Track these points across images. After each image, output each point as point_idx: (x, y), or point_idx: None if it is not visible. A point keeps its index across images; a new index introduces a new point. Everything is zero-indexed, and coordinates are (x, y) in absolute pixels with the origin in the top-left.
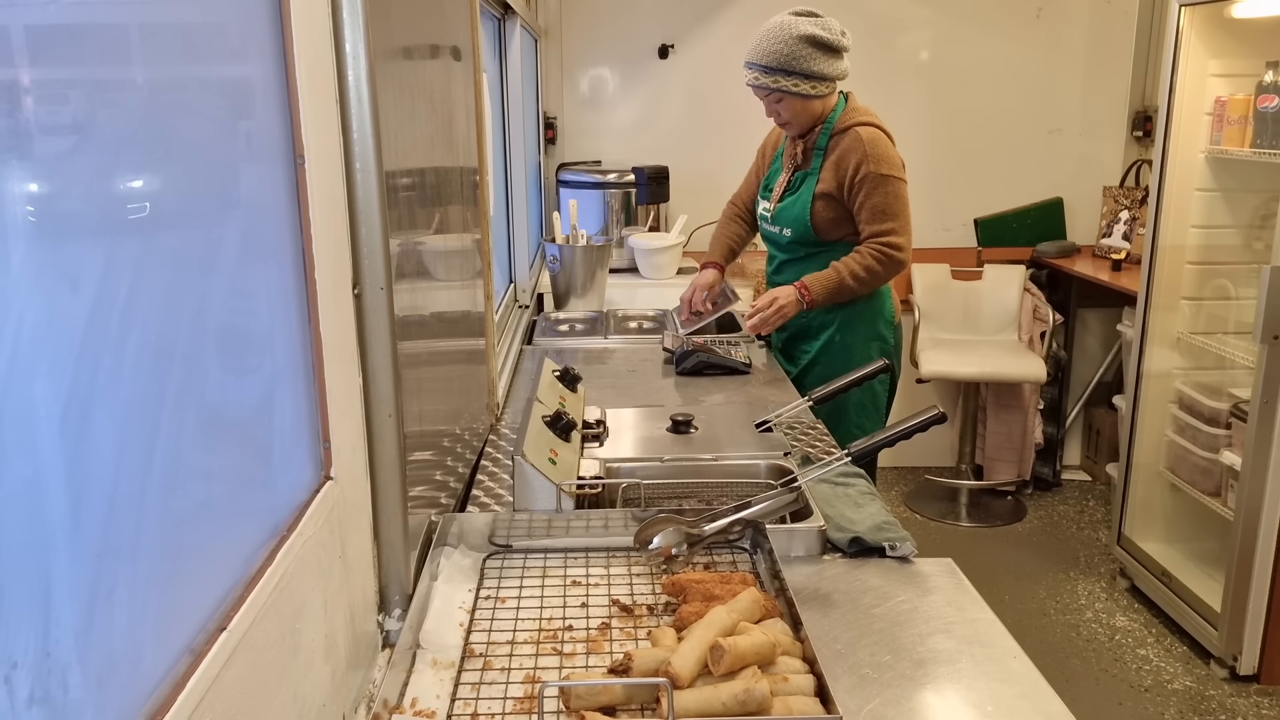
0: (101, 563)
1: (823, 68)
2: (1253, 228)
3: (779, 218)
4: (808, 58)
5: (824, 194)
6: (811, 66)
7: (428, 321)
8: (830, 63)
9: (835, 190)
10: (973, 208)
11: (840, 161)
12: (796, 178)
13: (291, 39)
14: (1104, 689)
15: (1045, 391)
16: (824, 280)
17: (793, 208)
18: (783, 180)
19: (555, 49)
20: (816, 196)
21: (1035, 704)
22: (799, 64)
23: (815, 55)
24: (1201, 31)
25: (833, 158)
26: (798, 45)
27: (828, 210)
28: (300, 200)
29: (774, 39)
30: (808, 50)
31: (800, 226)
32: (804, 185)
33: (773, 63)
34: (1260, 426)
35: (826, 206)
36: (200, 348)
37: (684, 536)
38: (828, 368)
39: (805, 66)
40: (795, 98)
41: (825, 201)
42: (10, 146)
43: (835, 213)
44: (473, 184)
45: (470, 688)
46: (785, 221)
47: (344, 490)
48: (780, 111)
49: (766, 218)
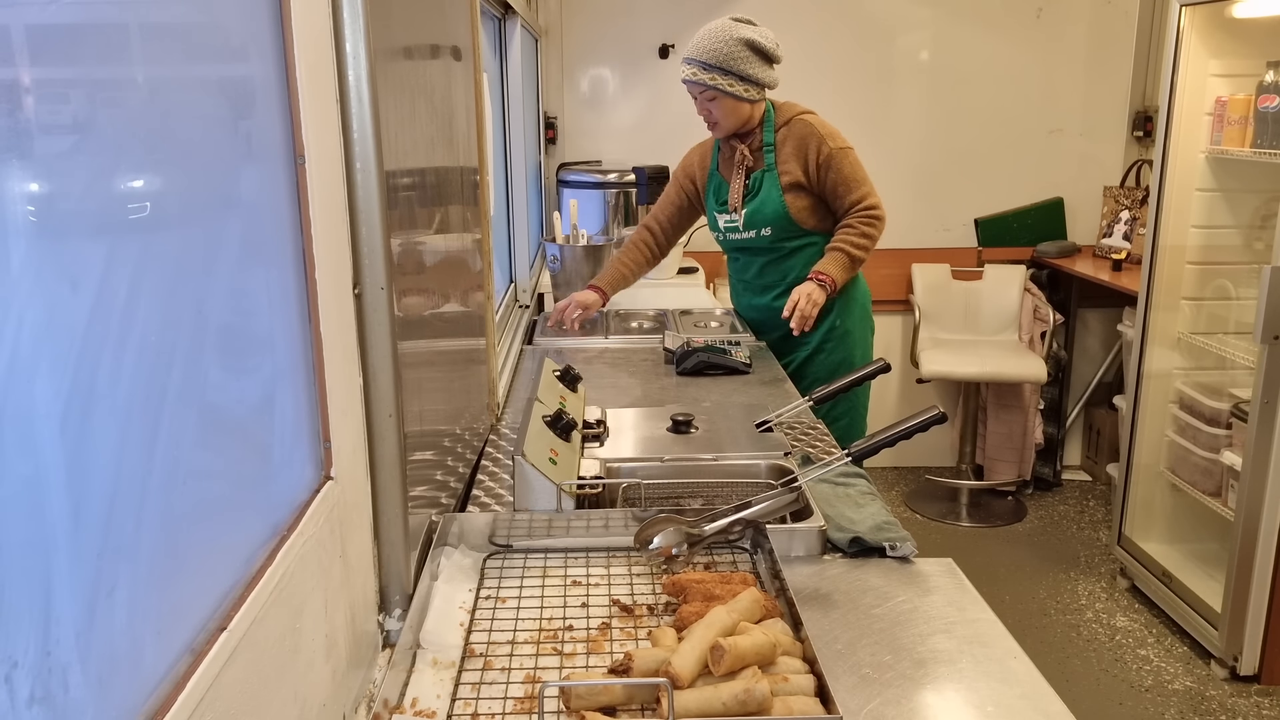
0: (101, 562)
1: (757, 72)
2: (1253, 228)
3: (751, 222)
4: (744, 60)
5: (792, 185)
6: (747, 69)
7: (428, 321)
8: (764, 69)
9: (803, 178)
10: (973, 208)
11: (800, 149)
12: (754, 179)
13: (291, 39)
14: (1104, 689)
15: (1045, 391)
16: (834, 261)
17: (764, 207)
18: (737, 187)
19: (555, 49)
20: (785, 189)
21: (1035, 704)
22: (736, 65)
23: (751, 59)
24: (1202, 31)
25: (788, 149)
26: (736, 47)
27: (800, 199)
28: (300, 200)
29: (714, 39)
30: (745, 53)
31: (780, 220)
32: (765, 183)
33: (711, 60)
34: (1260, 427)
35: (798, 196)
36: (200, 348)
37: (684, 536)
38: (831, 354)
39: (741, 69)
40: (728, 98)
41: (795, 192)
42: (10, 146)
43: (808, 200)
44: (473, 184)
45: (470, 688)
46: (760, 222)
47: (344, 490)
48: (712, 110)
49: (735, 227)
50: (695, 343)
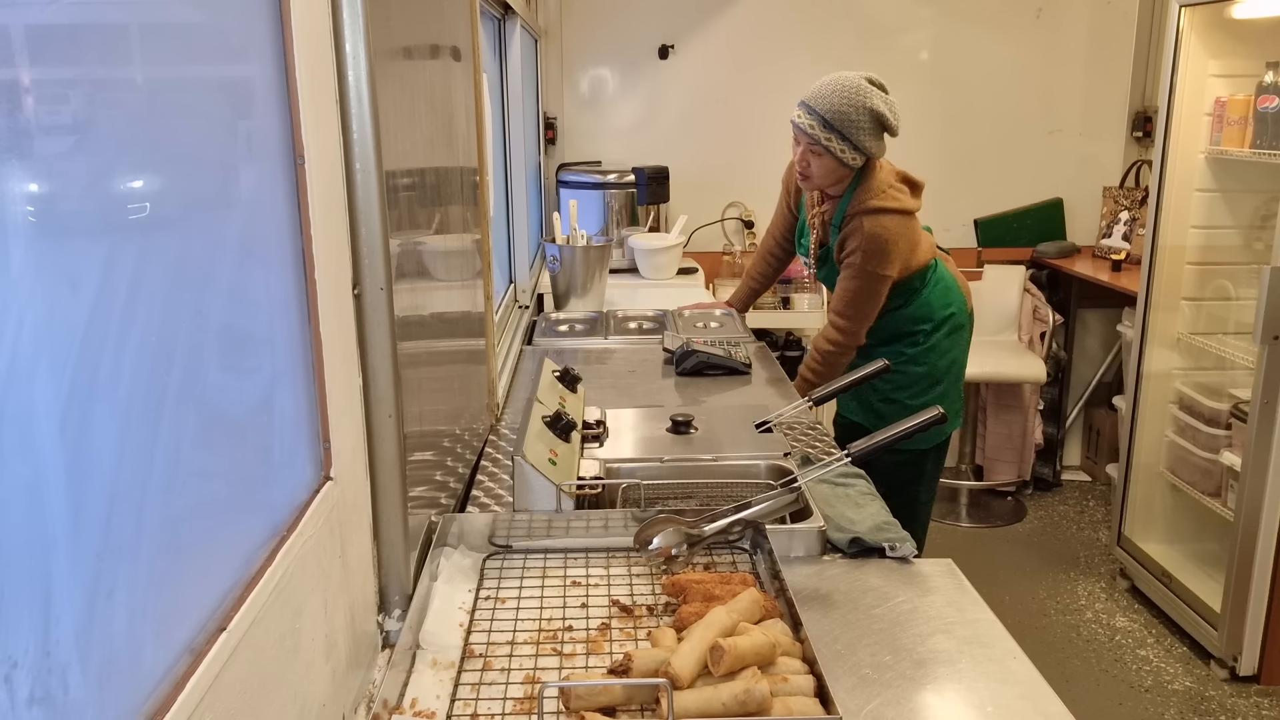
0: (101, 563)
1: (870, 144)
2: (1253, 228)
3: (822, 278)
4: (864, 131)
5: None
6: (862, 139)
7: (428, 321)
8: (877, 142)
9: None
10: (973, 208)
11: (843, 242)
12: (823, 251)
13: (291, 39)
14: (1104, 689)
15: (1045, 392)
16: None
17: (830, 277)
18: (812, 244)
19: (555, 49)
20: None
21: (1035, 704)
22: (854, 131)
23: (872, 131)
24: (1201, 32)
25: (842, 236)
26: (862, 114)
27: None
28: (300, 200)
29: (843, 97)
30: (869, 123)
31: None
32: (829, 256)
33: (832, 118)
34: (1260, 427)
35: None
36: (200, 348)
37: (684, 537)
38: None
39: (858, 136)
40: (833, 159)
41: None
42: (10, 146)
43: None
44: (473, 184)
45: (470, 688)
46: (827, 285)
47: (344, 490)
48: (811, 163)
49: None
50: (695, 343)
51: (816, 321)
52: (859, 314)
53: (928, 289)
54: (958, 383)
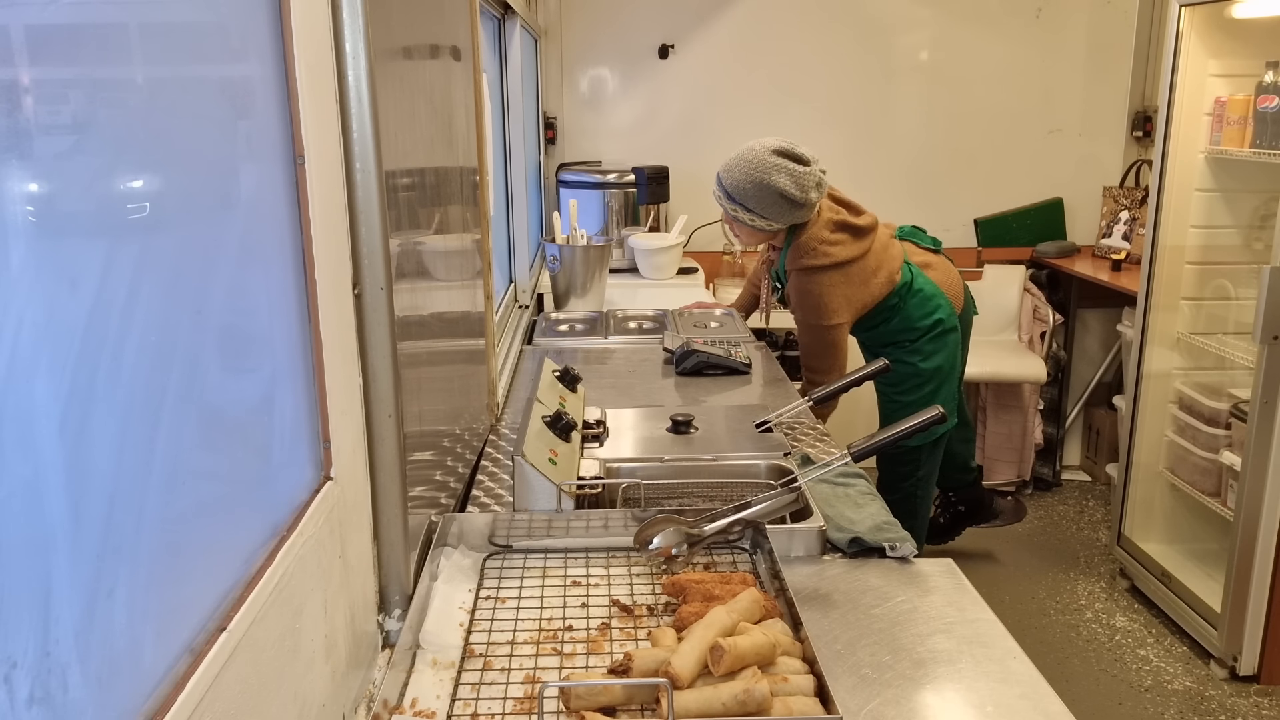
0: (101, 563)
1: (777, 214)
2: (1252, 228)
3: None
4: (768, 204)
5: None
6: (768, 211)
7: (428, 321)
8: (785, 211)
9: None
10: (973, 208)
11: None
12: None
13: (291, 39)
14: (1104, 689)
15: (1045, 392)
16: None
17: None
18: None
19: (555, 49)
20: None
21: (1035, 704)
22: (758, 205)
23: (778, 204)
24: (1201, 31)
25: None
26: (764, 191)
27: None
28: (300, 200)
29: (744, 172)
30: (772, 198)
31: None
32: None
33: (735, 193)
34: (1260, 426)
35: None
36: (200, 348)
37: (684, 536)
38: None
39: (763, 209)
40: (747, 227)
41: None
42: (10, 146)
43: None
44: (473, 184)
45: (470, 688)
46: None
47: (344, 490)
48: (731, 226)
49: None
50: (695, 343)
51: None
52: (822, 365)
53: (904, 304)
54: (948, 383)
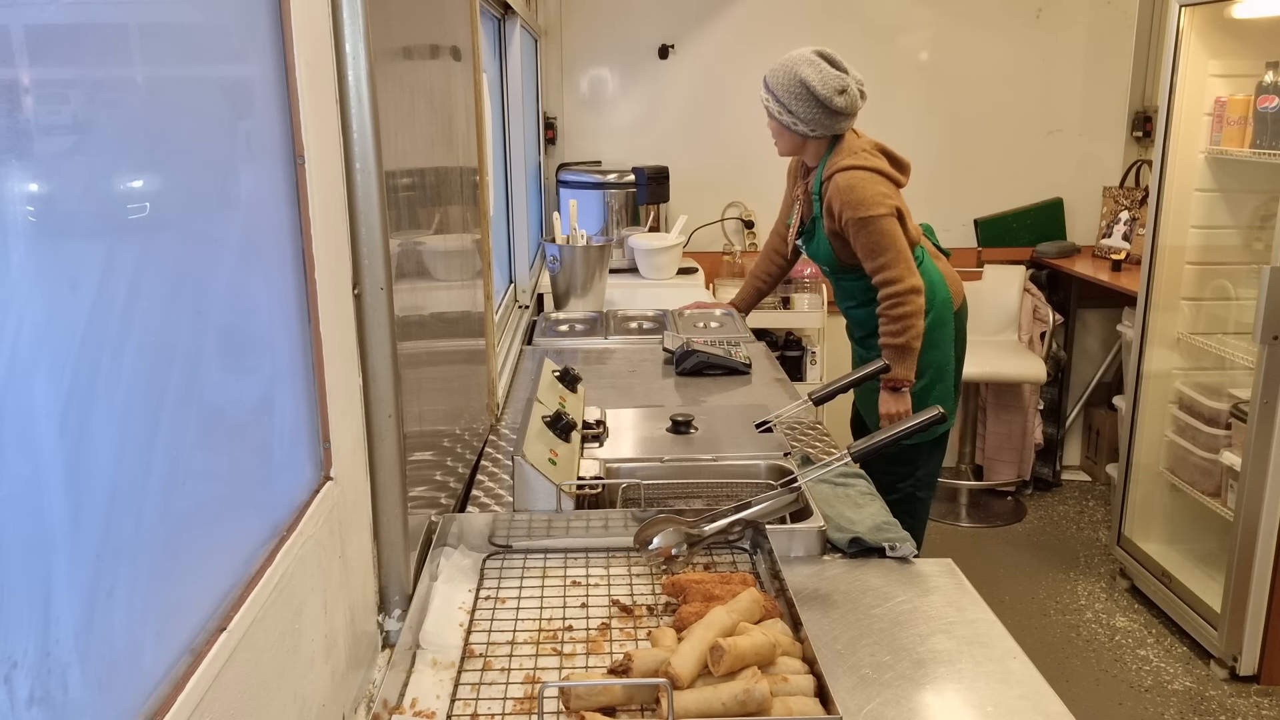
0: (101, 563)
1: (803, 110)
2: (1252, 228)
3: (811, 255)
4: (795, 97)
5: (832, 233)
6: (794, 105)
7: (428, 321)
8: (814, 110)
9: (840, 230)
10: (973, 208)
11: (829, 209)
12: (808, 224)
13: (291, 39)
14: (1104, 689)
15: (1045, 392)
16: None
17: (818, 250)
18: (795, 222)
19: (555, 49)
20: (830, 236)
21: (1035, 704)
22: (789, 99)
23: (802, 98)
24: (1201, 32)
25: (825, 204)
26: (792, 82)
27: (845, 246)
28: (300, 200)
29: (784, 62)
30: (798, 90)
31: (832, 261)
32: (815, 229)
33: (770, 81)
34: (1260, 427)
35: (842, 245)
36: (200, 348)
37: (684, 537)
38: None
39: (793, 104)
40: (781, 126)
41: (838, 240)
42: (10, 146)
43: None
44: (473, 184)
45: (470, 688)
46: (817, 259)
47: (344, 490)
48: (773, 131)
49: (801, 251)
50: (695, 343)
51: (817, 321)
52: (890, 259)
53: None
54: (944, 378)
